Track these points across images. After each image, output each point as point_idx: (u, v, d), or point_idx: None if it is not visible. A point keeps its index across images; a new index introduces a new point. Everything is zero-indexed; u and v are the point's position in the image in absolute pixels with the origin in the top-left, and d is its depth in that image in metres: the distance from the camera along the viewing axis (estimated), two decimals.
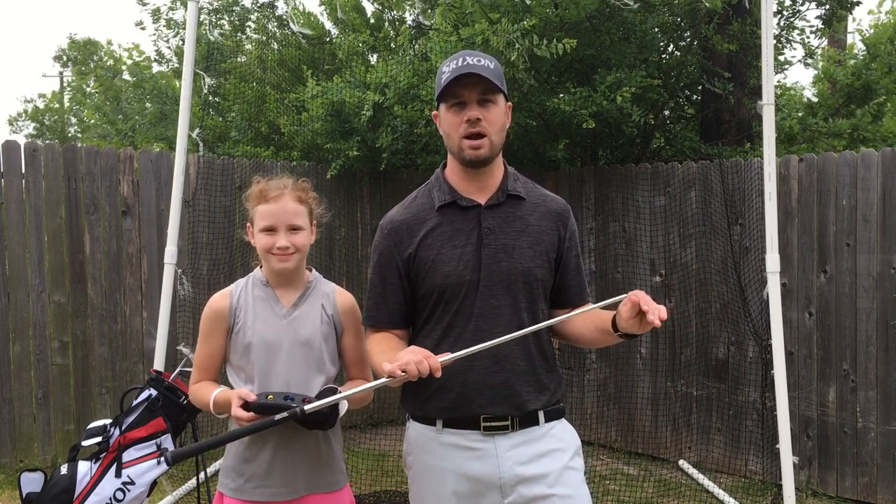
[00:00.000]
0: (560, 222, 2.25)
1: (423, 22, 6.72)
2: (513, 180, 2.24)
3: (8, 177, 5.32)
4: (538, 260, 2.19)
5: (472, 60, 2.13)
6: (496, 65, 2.17)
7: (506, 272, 2.15)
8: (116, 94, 13.69)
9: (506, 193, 2.20)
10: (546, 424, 2.18)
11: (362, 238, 6.66)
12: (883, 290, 4.80)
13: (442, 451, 2.17)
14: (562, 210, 2.27)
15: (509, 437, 2.14)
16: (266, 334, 2.27)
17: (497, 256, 2.15)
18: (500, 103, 2.17)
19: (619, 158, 6.62)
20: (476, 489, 2.13)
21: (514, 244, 2.17)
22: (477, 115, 2.11)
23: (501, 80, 2.17)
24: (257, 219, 2.31)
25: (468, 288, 2.15)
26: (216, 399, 2.26)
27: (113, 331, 5.61)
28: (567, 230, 2.26)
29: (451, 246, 2.17)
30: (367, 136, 6.17)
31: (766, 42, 4.01)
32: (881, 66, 6.88)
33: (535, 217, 2.22)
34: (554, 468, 2.14)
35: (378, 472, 5.48)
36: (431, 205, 2.21)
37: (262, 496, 2.26)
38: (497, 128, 2.15)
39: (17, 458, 5.33)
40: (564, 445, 2.19)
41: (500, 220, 2.18)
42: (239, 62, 8.67)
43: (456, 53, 2.20)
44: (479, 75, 2.10)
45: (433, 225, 2.19)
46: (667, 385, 5.79)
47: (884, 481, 4.83)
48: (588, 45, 5.76)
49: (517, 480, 2.11)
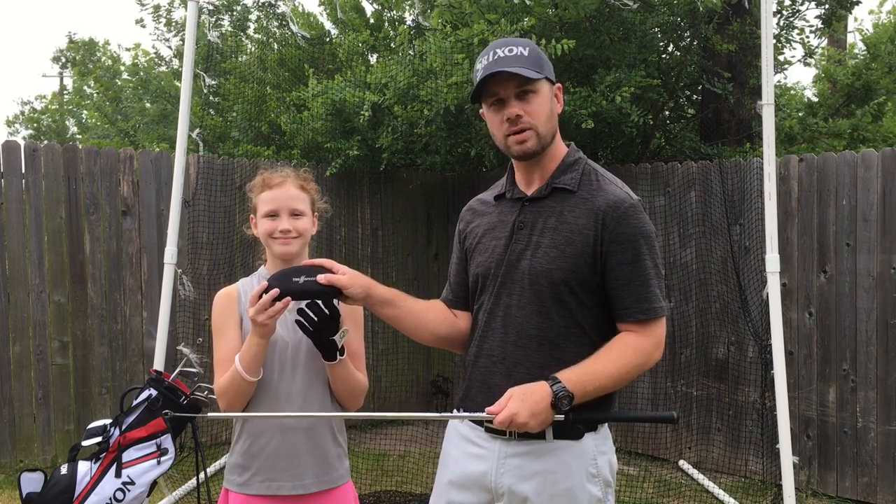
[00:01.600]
0: (599, 220, 2.00)
1: (422, 22, 6.72)
2: (567, 171, 2.08)
3: (8, 177, 5.32)
4: (563, 261, 2.00)
5: (504, 52, 2.00)
6: (531, 49, 2.03)
7: (524, 271, 2.03)
8: (116, 94, 13.68)
9: (550, 186, 2.07)
10: (555, 441, 2.00)
11: (362, 238, 6.65)
12: (883, 290, 4.80)
13: (456, 439, 2.16)
14: (606, 207, 2.01)
15: (509, 445, 2.04)
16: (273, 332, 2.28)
17: (521, 254, 2.05)
18: (543, 90, 2.03)
19: (618, 158, 6.61)
20: (467, 484, 2.10)
21: (542, 241, 2.03)
22: (516, 112, 2.00)
23: (540, 63, 2.02)
24: (260, 205, 2.33)
25: (493, 282, 2.09)
26: (240, 355, 2.19)
27: (113, 331, 5.61)
28: (608, 230, 1.99)
29: (491, 237, 2.13)
30: (367, 136, 6.17)
31: (766, 42, 4.01)
32: (881, 65, 6.89)
33: (575, 214, 2.02)
34: (544, 492, 1.99)
35: (378, 472, 5.48)
36: (495, 193, 2.22)
37: (268, 490, 2.27)
38: (543, 118, 2.02)
39: (17, 458, 5.33)
40: (567, 470, 2.00)
41: (536, 215, 2.06)
42: (239, 62, 8.67)
43: (490, 45, 2.07)
44: (510, 72, 1.97)
45: (486, 213, 2.19)
46: (667, 385, 5.78)
47: (884, 481, 4.83)
48: (588, 45, 5.76)
49: (505, 491, 2.04)
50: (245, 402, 2.27)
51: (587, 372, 1.95)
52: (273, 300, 2.06)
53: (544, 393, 1.90)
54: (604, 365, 1.98)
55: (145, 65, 13.65)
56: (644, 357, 2.02)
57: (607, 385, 1.99)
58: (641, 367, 2.03)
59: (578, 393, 1.92)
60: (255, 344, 2.16)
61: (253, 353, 2.18)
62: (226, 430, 5.53)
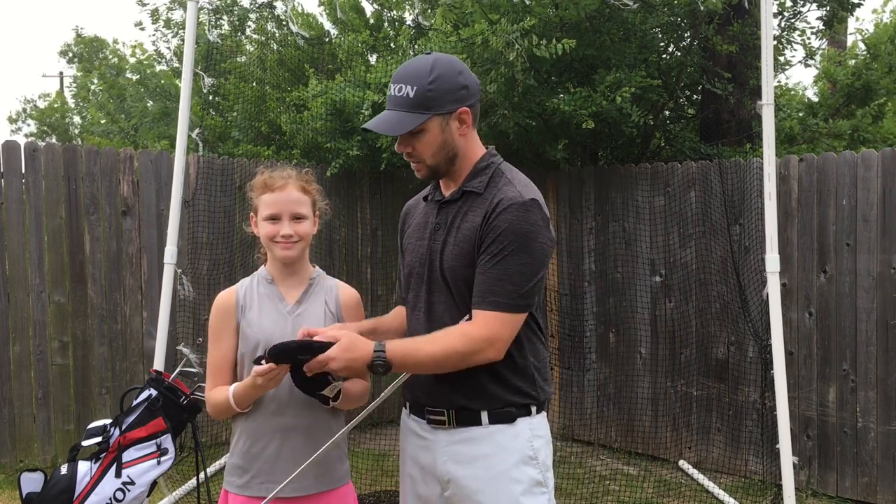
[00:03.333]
0: (486, 216, 2.10)
1: (422, 22, 6.72)
2: (477, 176, 2.18)
3: (8, 177, 5.32)
4: (463, 258, 2.12)
5: (395, 90, 2.12)
6: (419, 88, 2.09)
7: (439, 268, 2.17)
8: (120, 92, 13.70)
9: (461, 190, 2.19)
10: (491, 426, 2.12)
11: (362, 238, 6.65)
12: (883, 290, 4.80)
13: (406, 434, 2.31)
14: (493, 204, 2.10)
15: (449, 433, 2.16)
16: (271, 331, 2.28)
17: (436, 252, 2.18)
18: (430, 128, 2.12)
19: (618, 158, 6.62)
20: (423, 476, 2.23)
21: (448, 240, 2.16)
22: (404, 149, 2.17)
23: (427, 103, 2.09)
24: (261, 208, 2.33)
25: (417, 280, 2.23)
26: (235, 390, 2.25)
27: (113, 331, 5.61)
28: (487, 224, 2.09)
29: (416, 237, 2.28)
30: (367, 136, 6.17)
31: (766, 42, 4.01)
32: (881, 66, 6.88)
33: (474, 213, 2.14)
34: (482, 475, 2.11)
35: (378, 472, 5.48)
36: (424, 195, 2.37)
37: (268, 491, 2.26)
38: (429, 152, 2.15)
39: (17, 458, 5.33)
40: (504, 453, 2.12)
41: (447, 216, 2.20)
42: (239, 62, 8.68)
43: (395, 73, 2.18)
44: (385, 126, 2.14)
45: (416, 214, 2.35)
46: (667, 385, 5.79)
47: (884, 481, 4.83)
48: (588, 45, 5.76)
49: (449, 477, 2.15)
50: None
51: (412, 348, 2.07)
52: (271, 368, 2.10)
53: (365, 354, 2.02)
54: (430, 344, 2.06)
55: (144, 62, 13.65)
56: (472, 347, 2.04)
57: (427, 364, 2.07)
58: (467, 357, 2.05)
59: (397, 364, 2.05)
60: (253, 392, 2.21)
61: (249, 396, 2.24)
62: (225, 431, 5.53)
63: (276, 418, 2.27)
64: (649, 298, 5.83)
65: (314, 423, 2.29)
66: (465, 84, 2.14)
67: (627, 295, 5.94)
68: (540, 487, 2.15)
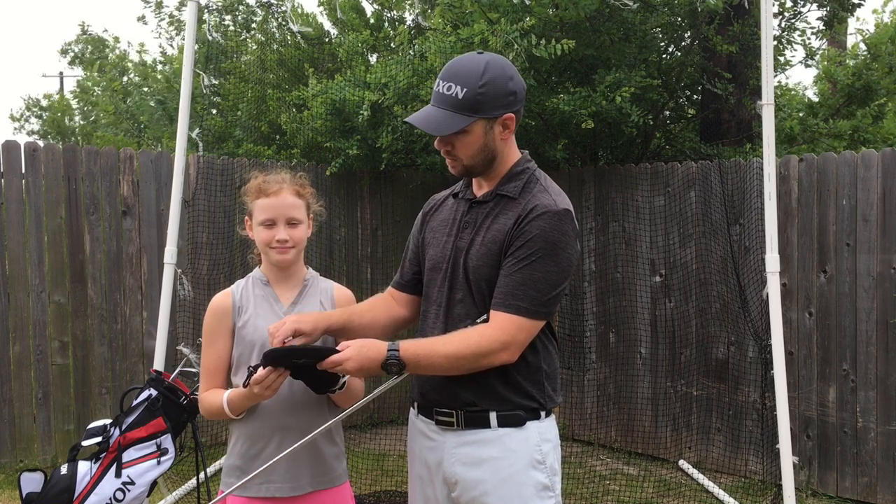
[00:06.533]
0: (517, 219, 2.11)
1: (422, 22, 6.72)
2: (512, 180, 2.19)
3: (8, 177, 5.32)
4: (488, 259, 2.12)
5: (442, 88, 2.09)
6: (468, 91, 2.07)
7: (463, 267, 2.17)
8: (124, 91, 13.71)
9: (495, 193, 2.19)
10: (500, 429, 2.13)
11: (362, 238, 6.65)
12: (883, 290, 4.80)
13: (415, 434, 2.31)
14: (525, 210, 2.11)
15: (457, 435, 2.16)
16: (267, 333, 2.28)
17: (462, 251, 2.18)
18: (474, 130, 2.11)
19: (618, 158, 6.62)
20: (430, 477, 2.23)
21: (476, 240, 2.16)
22: (443, 147, 2.16)
23: (475, 105, 2.07)
24: (256, 212, 2.34)
25: (440, 276, 2.22)
26: (230, 397, 2.25)
27: (113, 331, 5.61)
28: (519, 227, 2.10)
29: (442, 233, 2.27)
30: (367, 136, 6.17)
31: (766, 42, 4.01)
32: (882, 66, 6.88)
33: (506, 216, 2.14)
34: (490, 478, 2.11)
35: (378, 472, 5.48)
36: (454, 192, 2.35)
37: (266, 492, 2.27)
38: (469, 153, 2.14)
39: (17, 458, 5.33)
40: (513, 456, 2.12)
41: (478, 216, 2.20)
42: (239, 62, 8.68)
43: (445, 66, 2.15)
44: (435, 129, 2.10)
45: (443, 209, 2.33)
46: (667, 385, 5.79)
47: (884, 481, 4.83)
48: (588, 45, 5.76)
49: (456, 478, 2.15)
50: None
51: (426, 347, 2.07)
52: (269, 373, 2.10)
53: (379, 354, 2.03)
54: (444, 344, 2.07)
55: (148, 63, 13.67)
56: (486, 349, 2.05)
57: (441, 364, 2.06)
58: (481, 358, 2.06)
59: (411, 363, 2.04)
60: (248, 401, 2.22)
61: (244, 405, 2.24)
62: (225, 431, 5.52)
63: (273, 419, 2.27)
64: (649, 298, 5.83)
65: (312, 424, 2.29)
66: (514, 90, 2.13)
67: (627, 295, 5.95)
68: (547, 491, 2.15)
